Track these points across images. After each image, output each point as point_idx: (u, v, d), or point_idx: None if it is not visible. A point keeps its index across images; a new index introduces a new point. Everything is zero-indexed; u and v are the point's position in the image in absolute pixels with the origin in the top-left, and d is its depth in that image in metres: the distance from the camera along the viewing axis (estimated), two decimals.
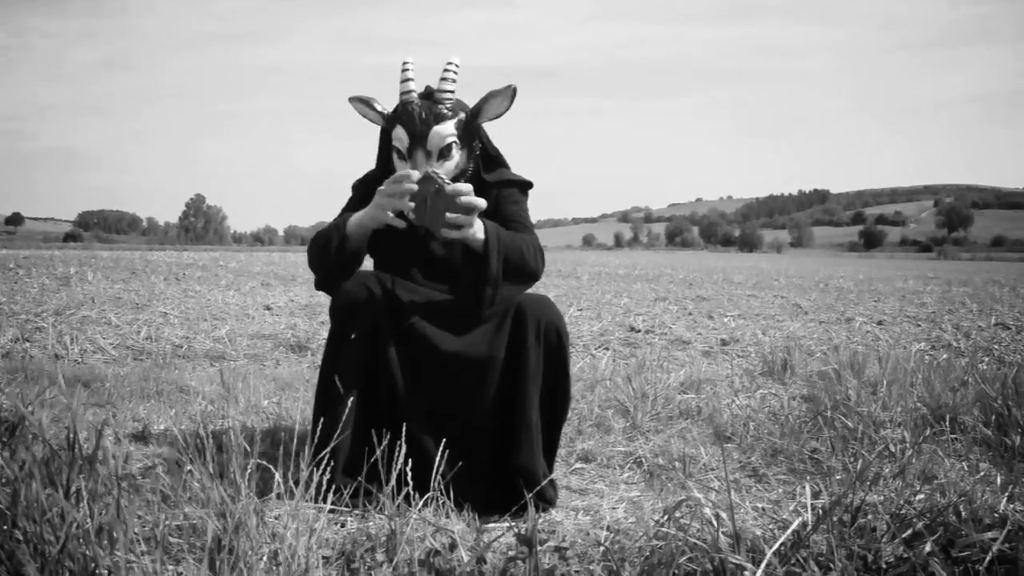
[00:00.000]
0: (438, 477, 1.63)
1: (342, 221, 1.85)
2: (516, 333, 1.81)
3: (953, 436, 2.41)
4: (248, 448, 1.48)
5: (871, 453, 2.24)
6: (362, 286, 1.83)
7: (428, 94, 1.89)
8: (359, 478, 1.69)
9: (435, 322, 1.84)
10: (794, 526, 1.32)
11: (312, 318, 5.79)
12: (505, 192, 1.98)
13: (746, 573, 1.22)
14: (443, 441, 1.67)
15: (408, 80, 1.88)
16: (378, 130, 2.01)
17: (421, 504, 1.57)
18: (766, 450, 2.36)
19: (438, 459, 1.62)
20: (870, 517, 1.44)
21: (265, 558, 1.28)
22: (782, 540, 1.29)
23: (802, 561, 1.26)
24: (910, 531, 1.36)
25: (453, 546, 1.38)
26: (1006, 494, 1.64)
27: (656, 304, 8.03)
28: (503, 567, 1.31)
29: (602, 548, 1.43)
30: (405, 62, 1.89)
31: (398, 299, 1.83)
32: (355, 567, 1.33)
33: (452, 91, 1.87)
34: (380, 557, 1.36)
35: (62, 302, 6.37)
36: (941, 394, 2.65)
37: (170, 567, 1.25)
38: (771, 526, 1.59)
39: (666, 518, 1.40)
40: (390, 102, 1.94)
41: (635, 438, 2.48)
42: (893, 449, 2.27)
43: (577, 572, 1.37)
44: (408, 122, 1.85)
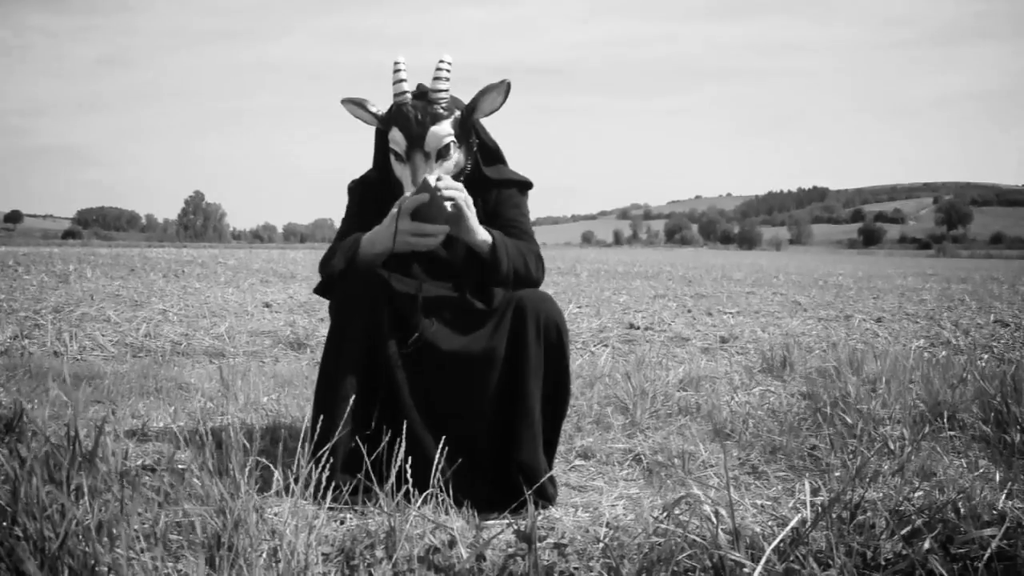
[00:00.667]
0: (437, 474, 1.63)
1: (354, 244, 1.85)
2: (516, 329, 1.81)
3: (952, 433, 2.41)
4: (247, 445, 1.48)
5: (870, 450, 2.24)
6: (362, 283, 1.82)
7: (422, 94, 1.87)
8: (358, 475, 1.69)
9: (436, 319, 1.85)
10: (793, 523, 1.32)
11: (311, 315, 5.79)
12: (506, 193, 1.97)
13: (745, 570, 1.23)
14: (443, 438, 1.66)
15: (401, 81, 1.86)
16: (374, 128, 1.99)
17: (420, 501, 1.57)
18: (765, 447, 2.36)
19: (438, 456, 1.62)
20: (869, 514, 1.44)
21: (264, 555, 1.28)
22: (781, 537, 1.29)
23: (801, 558, 1.26)
24: (909, 528, 1.36)
25: (453, 543, 1.38)
26: (1005, 491, 1.64)
27: (655, 301, 8.03)
28: (503, 564, 1.32)
29: (601, 545, 1.44)
30: (396, 62, 1.86)
31: (399, 296, 1.83)
32: (354, 564, 1.33)
33: (446, 90, 1.85)
34: (379, 554, 1.36)
35: (61, 299, 6.36)
36: (940, 391, 2.65)
37: (169, 564, 1.25)
38: (770, 523, 1.59)
39: (665, 515, 1.40)
40: (384, 99, 1.92)
41: (634, 435, 2.48)
42: (892, 446, 2.27)
43: (576, 569, 1.37)
44: (404, 124, 1.82)
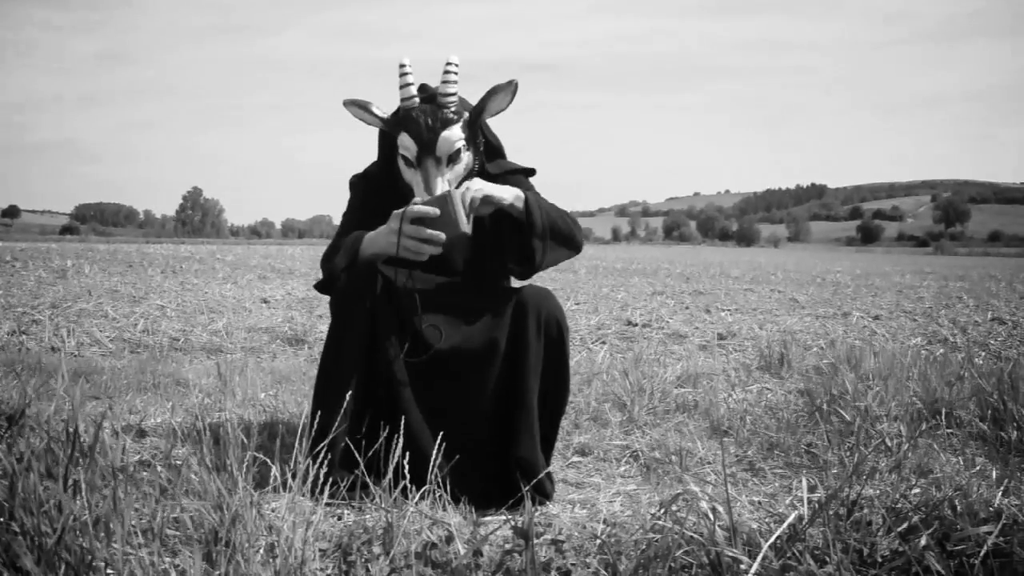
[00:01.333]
0: (435, 470, 1.62)
1: (355, 243, 1.83)
2: (517, 325, 1.80)
3: (949, 431, 2.41)
4: (245, 441, 1.49)
5: (867, 447, 2.24)
6: (362, 280, 1.81)
7: (431, 97, 1.84)
8: (355, 471, 1.68)
9: (435, 314, 1.83)
10: (790, 520, 1.33)
11: (309, 311, 5.78)
12: (513, 180, 1.93)
13: (742, 566, 1.23)
14: (441, 434, 1.66)
15: (408, 85, 1.82)
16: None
17: (418, 497, 1.57)
18: (762, 444, 2.37)
19: (435, 452, 1.61)
20: (866, 511, 1.44)
21: (262, 551, 1.28)
22: (778, 534, 1.29)
23: (798, 554, 1.26)
24: (906, 525, 1.36)
25: (450, 539, 1.38)
26: (1001, 488, 1.64)
27: (653, 298, 8.04)
28: (500, 560, 1.32)
29: (599, 541, 1.44)
30: (402, 64, 1.82)
31: (399, 293, 1.82)
32: (352, 560, 1.33)
33: (455, 93, 1.82)
34: (377, 550, 1.36)
35: (59, 295, 6.35)
36: (937, 389, 2.65)
37: (167, 559, 1.25)
38: (767, 520, 1.59)
39: (662, 511, 1.40)
40: (383, 96, 1.90)
41: (632, 432, 2.48)
42: (889, 443, 2.27)
43: (573, 565, 1.37)
44: (415, 129, 1.79)
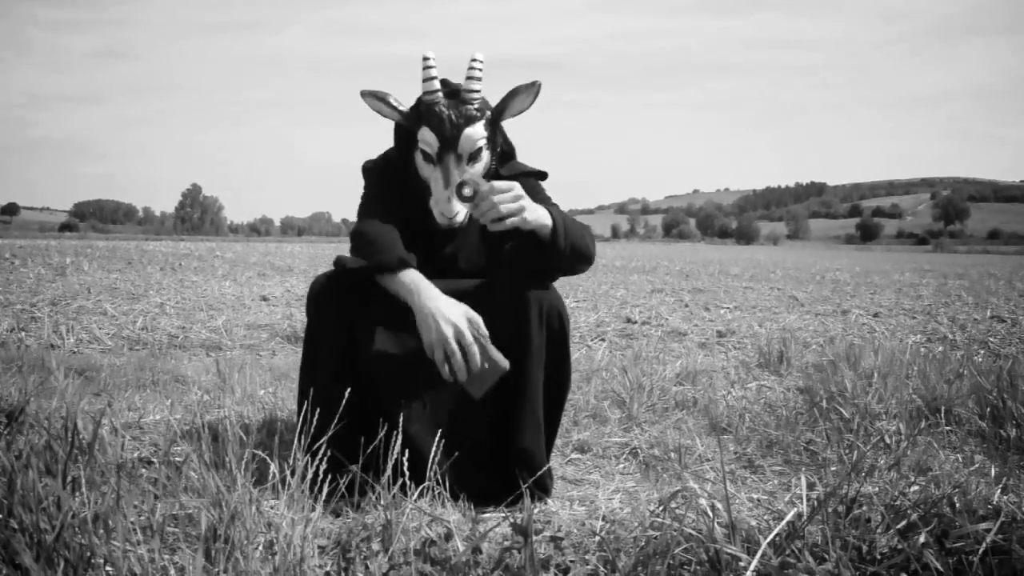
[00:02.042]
0: (434, 467, 1.62)
1: (397, 261, 1.71)
2: (519, 316, 1.78)
3: (948, 428, 2.41)
4: (244, 438, 1.49)
5: (866, 445, 2.25)
6: (337, 278, 1.76)
7: (454, 93, 1.81)
8: (350, 470, 1.65)
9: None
10: (789, 517, 1.33)
11: None
12: (529, 183, 1.90)
13: (741, 563, 1.23)
14: (439, 431, 1.66)
15: (432, 78, 1.79)
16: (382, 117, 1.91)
17: (417, 494, 1.57)
18: (762, 441, 2.37)
19: (434, 449, 1.61)
20: (865, 508, 1.44)
21: (261, 548, 1.28)
22: (777, 531, 1.29)
23: (797, 552, 1.26)
24: (905, 522, 1.36)
25: (449, 536, 1.38)
26: (1000, 486, 1.64)
27: (652, 296, 8.04)
28: (499, 557, 1.32)
29: (598, 538, 1.44)
30: (426, 57, 1.80)
31: (381, 290, 1.76)
32: (350, 557, 1.33)
33: (479, 90, 1.80)
34: (376, 547, 1.36)
35: (58, 292, 6.35)
36: (936, 386, 2.65)
37: (166, 556, 1.25)
38: (766, 517, 1.59)
39: (662, 508, 1.40)
40: (384, 90, 1.87)
41: (631, 429, 2.48)
42: (888, 441, 2.28)
43: (572, 562, 1.37)
44: (437, 125, 1.77)
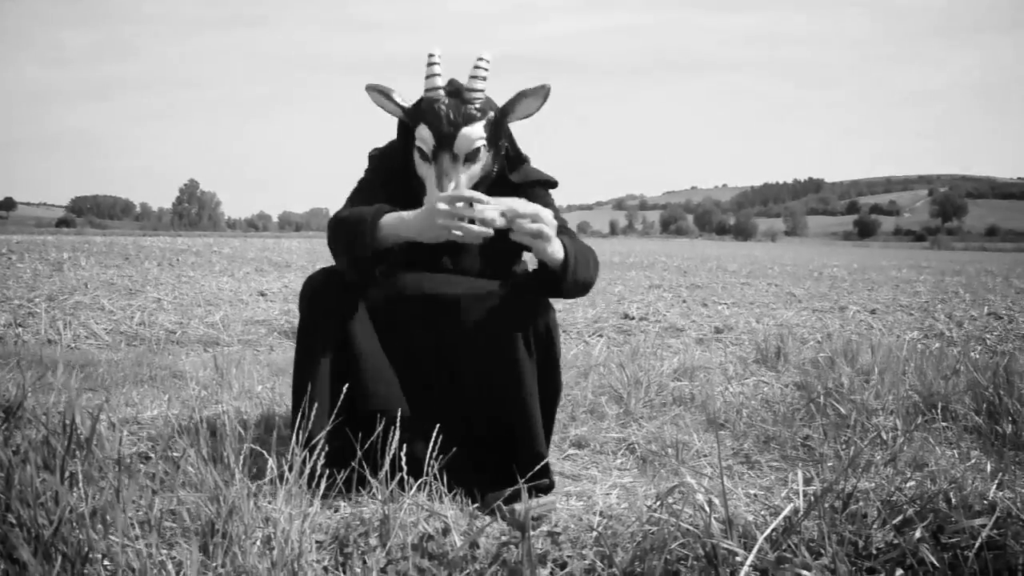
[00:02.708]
0: (431, 462, 1.62)
1: (376, 214, 1.69)
2: (511, 323, 1.75)
3: (944, 424, 2.42)
4: (242, 433, 1.49)
5: (863, 440, 2.25)
6: (329, 275, 1.76)
7: (456, 91, 1.77)
8: (346, 468, 1.64)
9: (427, 308, 1.82)
10: (786, 512, 1.33)
11: None
12: (534, 194, 1.85)
13: (737, 558, 1.23)
14: (437, 426, 1.65)
15: (435, 75, 1.75)
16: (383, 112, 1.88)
17: (414, 489, 1.57)
18: (759, 437, 2.37)
19: (432, 445, 1.61)
20: (861, 504, 1.44)
21: (258, 542, 1.28)
22: (774, 526, 1.30)
23: (793, 547, 1.27)
24: (901, 517, 1.37)
25: (446, 531, 1.39)
26: (995, 481, 1.64)
27: (650, 292, 8.04)
28: (496, 552, 1.32)
29: (595, 533, 1.44)
30: (431, 54, 1.76)
31: (379, 288, 1.76)
32: (348, 551, 1.34)
33: (482, 90, 1.76)
34: (373, 542, 1.36)
35: (55, 287, 6.34)
36: (933, 382, 2.66)
37: (163, 551, 1.25)
38: (763, 512, 1.59)
39: (659, 504, 1.40)
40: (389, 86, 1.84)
41: (628, 424, 2.49)
42: (885, 436, 2.28)
43: (570, 557, 1.38)
44: (435, 122, 1.72)
